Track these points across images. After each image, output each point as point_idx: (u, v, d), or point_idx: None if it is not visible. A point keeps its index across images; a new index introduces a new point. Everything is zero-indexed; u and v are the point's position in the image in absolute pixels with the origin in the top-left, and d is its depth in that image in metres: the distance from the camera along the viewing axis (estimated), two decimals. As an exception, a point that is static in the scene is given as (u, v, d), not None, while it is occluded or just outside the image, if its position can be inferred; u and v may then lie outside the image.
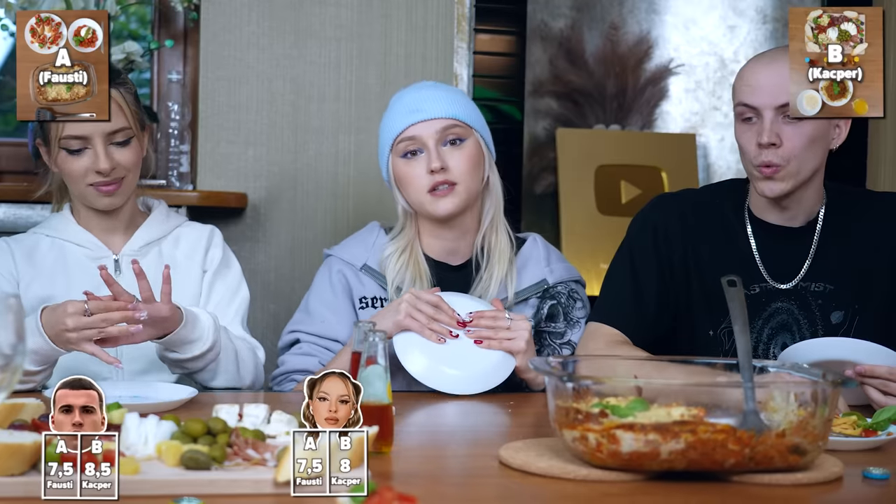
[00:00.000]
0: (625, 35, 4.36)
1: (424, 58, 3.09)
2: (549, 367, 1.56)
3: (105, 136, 2.15)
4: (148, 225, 2.28)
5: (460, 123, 2.28)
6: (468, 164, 2.26)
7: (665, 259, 2.24)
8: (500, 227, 2.33)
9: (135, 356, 2.18)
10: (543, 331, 2.32)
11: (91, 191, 2.18)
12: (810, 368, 1.61)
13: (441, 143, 2.26)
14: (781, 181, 2.11)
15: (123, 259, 2.23)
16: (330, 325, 2.27)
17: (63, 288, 2.19)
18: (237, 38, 3.00)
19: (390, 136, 2.30)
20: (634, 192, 4.05)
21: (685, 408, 1.49)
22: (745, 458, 1.43)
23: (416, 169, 2.26)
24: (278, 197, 3.03)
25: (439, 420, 2.00)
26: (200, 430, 1.42)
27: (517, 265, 2.33)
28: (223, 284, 2.29)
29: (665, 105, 4.40)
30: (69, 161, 2.16)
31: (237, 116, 3.00)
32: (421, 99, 2.29)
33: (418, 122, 2.26)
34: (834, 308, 2.17)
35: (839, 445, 1.66)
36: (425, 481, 1.47)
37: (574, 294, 2.35)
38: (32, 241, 2.25)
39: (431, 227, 2.32)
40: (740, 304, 1.56)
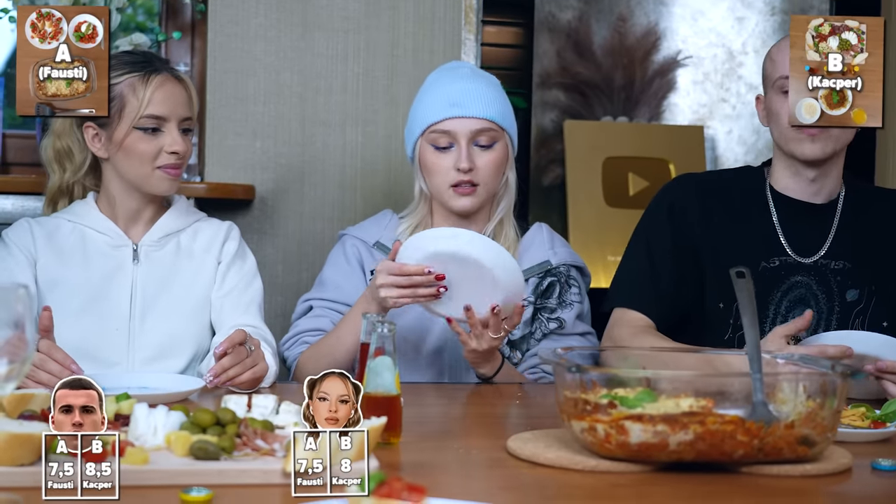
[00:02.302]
0: (633, 27, 4.35)
1: (432, 50, 3.09)
2: (556, 357, 1.56)
3: (179, 120, 2.19)
4: (168, 216, 2.29)
5: (495, 127, 2.30)
6: (494, 167, 2.32)
7: (680, 237, 2.28)
8: (508, 222, 2.39)
9: (142, 344, 2.19)
10: (537, 307, 2.36)
11: (159, 173, 2.19)
12: (819, 359, 1.60)
13: (472, 143, 2.29)
14: (823, 142, 2.15)
15: (142, 248, 2.24)
16: (343, 291, 2.34)
17: (79, 270, 2.20)
18: (245, 30, 3.00)
19: (424, 122, 2.33)
20: (642, 184, 4.05)
21: (694, 399, 1.49)
22: (753, 449, 1.42)
23: (444, 161, 2.30)
24: (286, 189, 3.03)
25: (447, 411, 2.00)
26: (209, 420, 1.42)
27: (520, 249, 2.38)
28: (237, 275, 2.30)
29: (673, 97, 4.39)
30: (143, 141, 2.16)
31: (245, 108, 3.00)
32: (461, 92, 2.31)
33: (455, 118, 2.28)
34: (850, 286, 2.23)
35: (848, 437, 1.66)
36: (434, 472, 1.47)
37: (572, 280, 2.39)
38: (54, 224, 2.26)
39: (445, 213, 2.37)
40: (749, 295, 1.56)
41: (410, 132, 2.38)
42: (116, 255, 2.23)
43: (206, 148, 3.00)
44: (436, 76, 2.40)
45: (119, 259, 2.23)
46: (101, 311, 2.19)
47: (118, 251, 2.23)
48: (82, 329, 2.15)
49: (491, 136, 2.30)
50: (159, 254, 2.25)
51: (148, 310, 2.21)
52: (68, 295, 2.18)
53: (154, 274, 2.23)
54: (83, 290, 2.19)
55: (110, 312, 2.19)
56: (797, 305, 2.23)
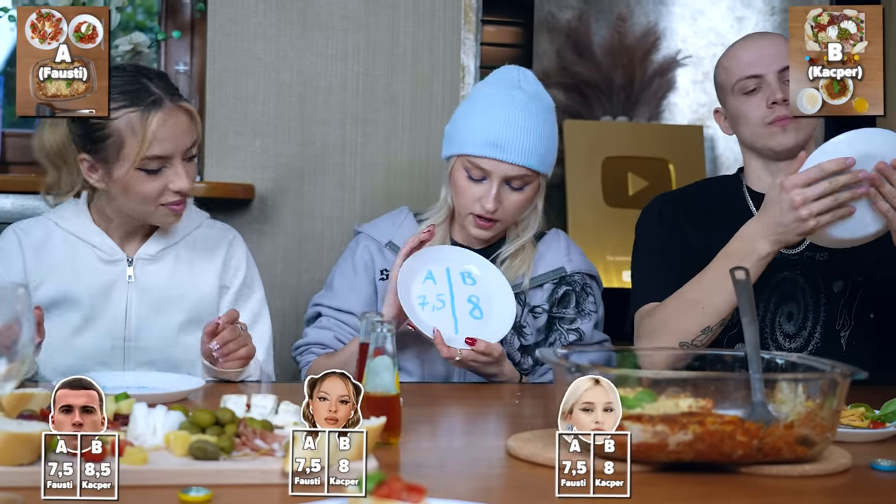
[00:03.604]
0: (632, 26, 4.35)
1: (432, 49, 3.09)
2: (556, 357, 1.56)
3: (183, 152, 2.08)
4: (167, 229, 2.19)
5: (530, 173, 2.28)
6: (520, 206, 2.31)
7: (675, 240, 2.30)
8: (529, 242, 2.37)
9: (138, 361, 2.16)
10: (554, 316, 2.35)
11: (163, 210, 2.10)
12: (819, 360, 1.60)
13: (504, 183, 2.27)
14: (794, 132, 2.19)
15: (138, 262, 2.17)
16: (348, 301, 2.36)
17: (72, 289, 2.14)
18: (244, 28, 3.00)
19: (462, 147, 2.29)
20: (642, 183, 4.04)
21: (693, 399, 1.49)
22: (753, 449, 1.42)
23: (473, 191, 2.29)
24: (285, 188, 3.02)
25: (447, 411, 2.00)
26: (208, 420, 1.42)
27: (536, 256, 2.37)
28: (243, 310, 2.22)
29: (672, 97, 4.39)
30: (145, 182, 2.06)
31: (244, 107, 3.00)
32: (507, 129, 2.26)
33: (493, 159, 2.26)
34: (836, 277, 2.25)
35: (847, 437, 1.66)
36: (433, 472, 1.47)
37: (588, 288, 2.39)
38: (44, 231, 2.17)
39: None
40: (748, 295, 1.56)
41: (449, 141, 2.34)
42: (109, 271, 2.15)
43: (206, 147, 3.00)
44: (489, 93, 2.33)
45: (113, 275, 2.15)
46: (96, 330, 2.14)
47: (111, 266, 2.15)
48: (77, 349, 2.11)
49: (525, 180, 2.28)
50: (155, 268, 2.17)
51: (143, 328, 2.15)
52: (62, 316, 2.12)
53: (149, 290, 2.16)
54: (77, 311, 2.13)
55: (105, 331, 2.14)
56: (785, 301, 2.25)
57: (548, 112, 2.33)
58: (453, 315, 2.20)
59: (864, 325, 2.24)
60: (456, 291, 2.24)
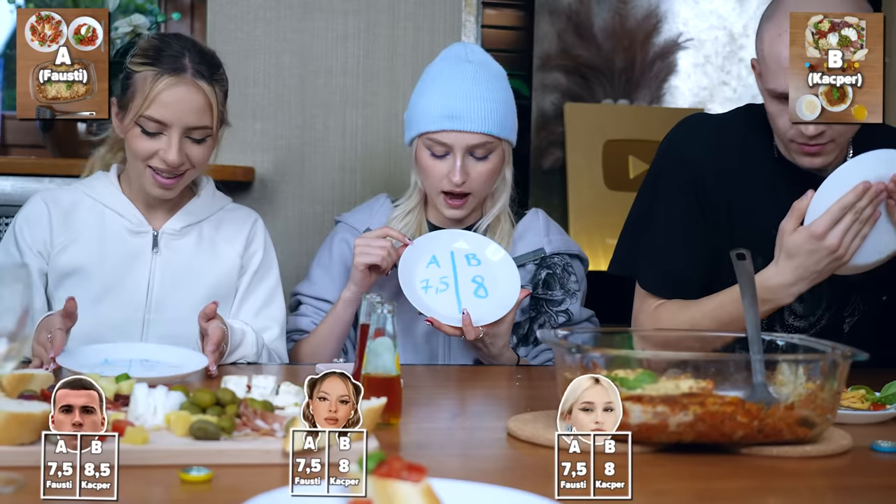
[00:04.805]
0: (633, 9, 4.33)
1: (432, 31, 3.08)
2: (556, 338, 1.56)
3: (184, 129, 2.10)
4: (192, 205, 2.23)
5: (492, 139, 2.29)
6: (488, 176, 2.31)
7: (701, 209, 2.21)
8: (504, 215, 2.38)
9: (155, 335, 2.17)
10: (541, 298, 2.37)
11: (149, 175, 2.12)
12: (819, 341, 1.60)
13: (468, 154, 2.28)
14: (824, 157, 2.06)
15: (163, 237, 2.20)
16: (324, 288, 2.38)
17: (96, 256, 2.16)
18: (244, 11, 2.99)
19: (421, 126, 2.31)
20: (642, 167, 4.04)
21: (694, 380, 1.49)
22: (753, 430, 1.43)
23: (438, 168, 2.30)
24: (285, 171, 3.02)
25: (447, 392, 2.00)
26: (209, 400, 1.42)
27: (514, 237, 2.38)
28: (259, 287, 2.28)
29: (673, 80, 4.38)
30: (140, 139, 2.10)
31: (244, 90, 2.99)
32: (461, 100, 2.27)
33: (452, 132, 2.26)
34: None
35: (848, 419, 1.66)
36: (433, 452, 1.47)
37: (569, 267, 2.40)
38: (73, 199, 2.20)
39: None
40: (749, 277, 1.56)
41: (409, 125, 2.36)
42: (135, 242, 2.18)
43: (206, 130, 2.99)
44: (439, 69, 2.35)
45: (138, 247, 2.18)
46: (117, 299, 2.16)
47: (138, 238, 2.19)
48: (96, 317, 2.12)
49: (487, 148, 2.29)
50: (179, 243, 2.21)
51: (164, 301, 2.18)
52: (84, 282, 2.14)
53: (173, 264, 2.19)
54: (99, 278, 2.15)
55: (126, 302, 2.16)
56: None
57: (499, 79, 2.35)
58: (457, 296, 2.21)
59: (875, 308, 2.22)
60: (460, 273, 2.25)
